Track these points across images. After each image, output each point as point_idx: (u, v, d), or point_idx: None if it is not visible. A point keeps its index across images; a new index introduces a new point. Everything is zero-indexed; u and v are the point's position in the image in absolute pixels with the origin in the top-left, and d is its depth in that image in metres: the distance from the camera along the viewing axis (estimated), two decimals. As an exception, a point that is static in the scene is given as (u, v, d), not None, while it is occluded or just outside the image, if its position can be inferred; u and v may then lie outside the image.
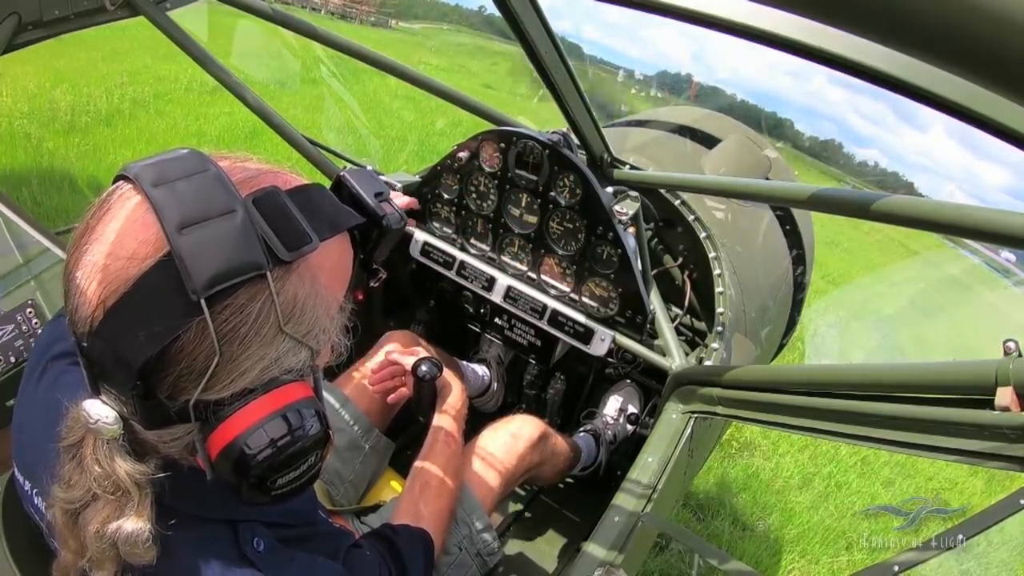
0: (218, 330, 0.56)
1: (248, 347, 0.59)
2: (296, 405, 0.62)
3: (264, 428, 0.60)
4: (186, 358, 0.57)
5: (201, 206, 0.57)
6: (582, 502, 2.06)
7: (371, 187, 0.76)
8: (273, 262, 0.58)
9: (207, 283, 0.55)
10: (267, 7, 1.80)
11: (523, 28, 1.17)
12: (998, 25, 0.34)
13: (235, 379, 0.59)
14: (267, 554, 0.70)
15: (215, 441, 0.60)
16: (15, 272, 1.53)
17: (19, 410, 0.82)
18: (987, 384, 0.83)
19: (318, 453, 0.65)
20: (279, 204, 0.61)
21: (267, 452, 0.60)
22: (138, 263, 0.56)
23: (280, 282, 0.59)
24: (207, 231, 0.56)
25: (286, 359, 0.62)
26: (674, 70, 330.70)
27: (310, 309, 0.63)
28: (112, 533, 0.60)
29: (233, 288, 0.56)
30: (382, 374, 1.54)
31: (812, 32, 0.75)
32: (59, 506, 0.64)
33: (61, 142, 5.34)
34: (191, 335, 0.56)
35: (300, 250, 0.60)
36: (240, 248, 0.57)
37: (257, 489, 0.62)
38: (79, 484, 0.62)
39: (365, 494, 1.59)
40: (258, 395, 0.61)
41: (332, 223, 0.66)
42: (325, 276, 0.65)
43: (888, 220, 0.97)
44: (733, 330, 1.72)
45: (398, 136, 8.00)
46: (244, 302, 0.57)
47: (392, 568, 0.94)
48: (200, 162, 0.60)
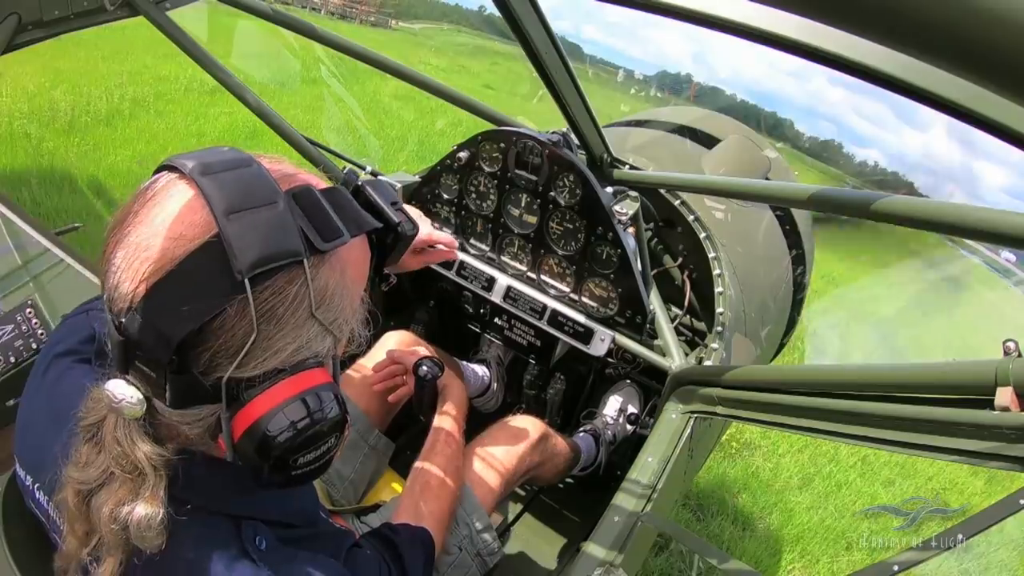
0: (258, 309, 0.60)
1: (283, 327, 0.62)
2: (318, 388, 0.66)
3: (289, 409, 0.63)
4: (225, 334, 0.60)
5: (246, 195, 0.61)
6: (582, 502, 2.06)
7: (388, 197, 0.82)
8: (310, 251, 0.63)
9: (252, 264, 0.58)
10: (267, 7, 1.80)
11: (523, 28, 1.16)
12: (998, 25, 0.34)
13: (268, 358, 0.63)
14: (268, 552, 0.71)
15: (240, 420, 0.63)
16: (15, 272, 1.53)
17: (23, 407, 0.84)
18: (987, 384, 0.83)
19: (337, 436, 0.68)
20: (315, 200, 0.66)
21: (289, 433, 0.63)
22: (185, 243, 0.59)
23: (315, 269, 0.64)
24: (252, 218, 0.60)
25: (314, 343, 0.66)
26: (674, 70, 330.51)
27: (338, 298, 0.67)
28: (125, 515, 0.62)
29: (274, 271, 0.60)
30: (383, 374, 1.54)
31: (812, 32, 0.75)
32: (72, 486, 0.66)
33: (61, 142, 5.34)
34: (232, 312, 0.59)
35: (334, 242, 0.65)
36: (281, 235, 0.61)
37: (278, 469, 0.65)
38: (96, 464, 0.65)
39: (365, 494, 1.58)
40: (285, 376, 0.64)
41: (358, 223, 0.71)
42: (352, 270, 0.70)
43: (888, 220, 0.97)
44: (733, 330, 1.72)
45: (398, 136, 7.99)
46: (283, 284, 0.61)
47: (392, 568, 0.94)
48: (243, 157, 0.65)
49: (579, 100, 1.44)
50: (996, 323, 7.70)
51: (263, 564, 0.69)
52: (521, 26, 1.16)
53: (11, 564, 0.89)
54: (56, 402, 0.79)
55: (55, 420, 0.77)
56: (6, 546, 0.91)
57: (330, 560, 0.77)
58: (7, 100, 5.85)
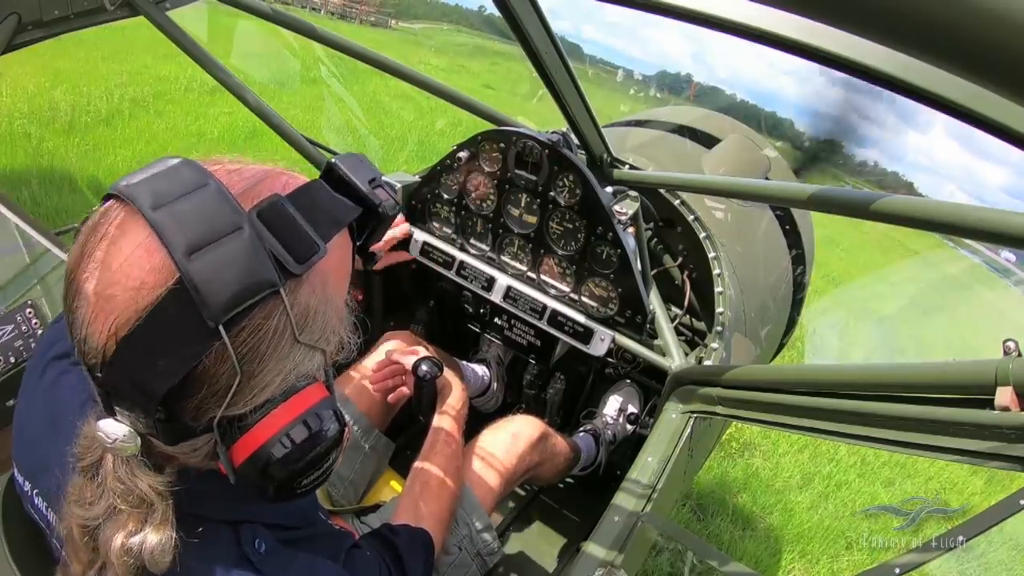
0: (237, 352, 0.56)
1: (267, 363, 0.59)
2: (315, 408, 0.64)
3: (288, 435, 0.62)
4: (208, 381, 0.57)
5: (206, 227, 0.55)
6: (582, 502, 2.06)
7: (364, 174, 0.72)
8: (285, 276, 0.58)
9: (223, 308, 0.54)
10: (267, 7, 1.80)
11: (523, 28, 1.16)
12: (998, 25, 0.34)
13: (256, 394, 0.60)
14: (268, 555, 0.71)
15: (239, 450, 0.61)
16: (15, 273, 1.53)
17: (19, 411, 0.83)
18: (987, 384, 0.83)
19: (338, 449, 0.68)
20: (284, 214, 0.60)
21: (292, 456, 0.62)
22: (148, 292, 0.54)
23: (293, 295, 0.60)
24: (216, 253, 0.55)
25: (302, 366, 0.63)
26: (674, 70, 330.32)
27: (321, 315, 0.64)
28: (138, 546, 0.61)
29: (249, 309, 0.56)
30: (382, 374, 1.54)
31: (812, 32, 0.75)
32: (76, 522, 0.64)
33: (61, 142, 5.34)
34: (211, 359, 0.56)
35: (310, 261, 0.60)
36: (252, 268, 0.56)
37: (283, 488, 0.64)
38: (100, 503, 0.63)
39: (365, 494, 1.59)
40: (278, 403, 0.62)
41: (334, 220, 0.65)
42: (332, 277, 0.66)
43: (888, 220, 0.96)
44: (733, 330, 1.72)
45: (398, 136, 7.99)
46: (260, 321, 0.58)
47: (392, 568, 0.94)
48: (197, 176, 0.58)
49: (579, 100, 1.44)
50: (996, 323, 7.69)
51: (263, 567, 0.69)
52: (521, 26, 1.16)
53: (11, 564, 0.89)
54: (53, 407, 0.79)
55: (52, 425, 0.76)
56: (6, 546, 0.91)
57: (329, 562, 0.77)
58: (7, 100, 5.85)
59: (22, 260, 1.56)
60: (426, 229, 1.91)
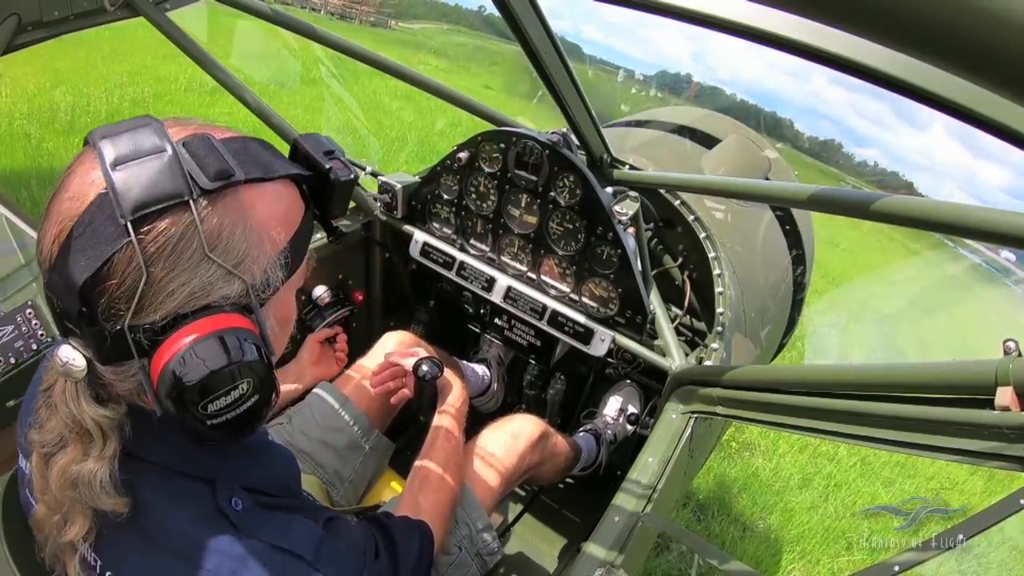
0: (144, 251, 0.61)
1: (172, 269, 0.63)
2: (225, 331, 0.65)
3: (193, 350, 0.63)
4: (117, 278, 0.61)
5: (135, 149, 0.63)
6: (582, 502, 2.06)
7: (321, 147, 0.81)
8: (197, 192, 0.63)
9: (133, 208, 0.61)
10: (267, 7, 1.80)
11: (523, 28, 1.16)
12: (998, 25, 0.34)
13: (163, 301, 0.63)
14: (245, 513, 0.72)
15: (153, 370, 0.64)
16: (15, 273, 1.53)
17: (31, 394, 0.84)
18: (987, 384, 0.83)
19: (251, 381, 0.67)
20: (208, 145, 0.67)
21: (194, 374, 0.63)
22: (81, 200, 0.62)
23: (205, 211, 0.64)
24: (138, 167, 0.62)
25: (216, 288, 0.66)
26: (674, 70, 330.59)
27: (240, 240, 0.67)
28: (73, 474, 0.65)
29: (157, 213, 0.62)
30: (383, 375, 1.54)
31: (812, 32, 0.75)
32: (36, 450, 0.69)
33: (61, 142, 5.34)
34: (122, 256, 0.61)
35: (223, 181, 0.65)
36: (165, 179, 0.62)
37: (192, 417, 0.64)
38: (51, 427, 0.68)
39: (365, 494, 1.59)
40: (189, 321, 0.64)
41: (265, 168, 0.71)
42: (259, 213, 0.69)
43: (888, 220, 0.96)
44: (733, 330, 1.72)
45: (398, 136, 7.99)
46: (167, 226, 0.62)
47: (382, 546, 0.94)
48: (144, 120, 0.67)
49: (579, 100, 1.44)
50: (996, 323, 7.69)
51: (237, 523, 0.70)
52: (521, 26, 1.16)
53: (11, 564, 0.89)
54: None
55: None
56: (6, 546, 0.91)
57: (308, 521, 0.78)
58: (7, 100, 5.85)
59: (23, 260, 1.56)
60: (426, 230, 1.91)
